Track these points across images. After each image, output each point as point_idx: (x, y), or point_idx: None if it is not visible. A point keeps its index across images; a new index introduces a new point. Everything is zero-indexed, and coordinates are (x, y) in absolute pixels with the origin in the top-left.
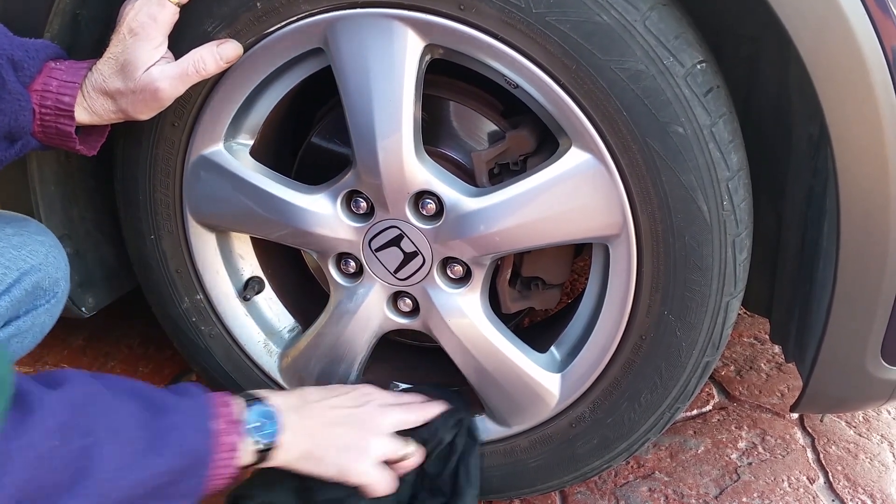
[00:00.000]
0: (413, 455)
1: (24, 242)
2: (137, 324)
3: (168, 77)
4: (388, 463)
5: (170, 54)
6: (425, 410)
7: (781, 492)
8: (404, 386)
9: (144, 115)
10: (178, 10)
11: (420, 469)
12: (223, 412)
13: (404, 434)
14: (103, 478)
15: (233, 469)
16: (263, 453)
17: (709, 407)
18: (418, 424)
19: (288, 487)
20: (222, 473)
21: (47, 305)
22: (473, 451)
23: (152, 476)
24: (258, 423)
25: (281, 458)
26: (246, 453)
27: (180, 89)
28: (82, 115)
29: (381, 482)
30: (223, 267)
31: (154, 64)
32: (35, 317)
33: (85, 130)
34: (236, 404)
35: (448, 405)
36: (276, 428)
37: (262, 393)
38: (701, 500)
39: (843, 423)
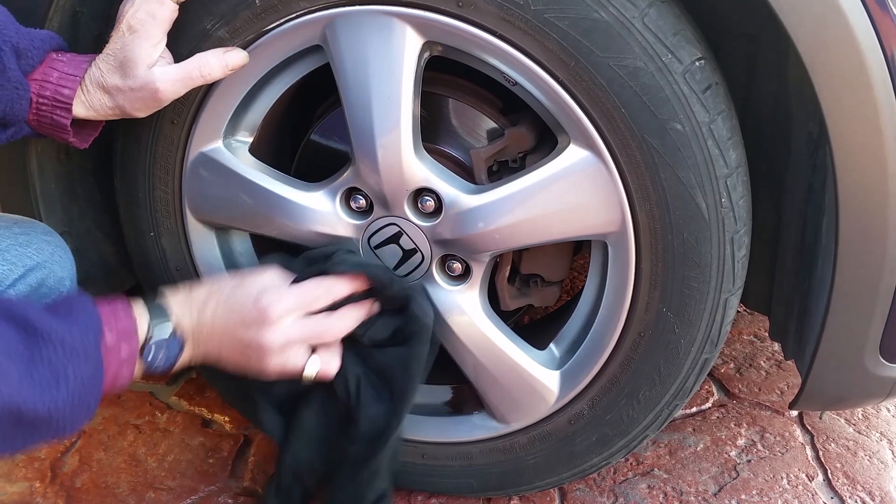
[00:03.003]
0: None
1: (30, 241)
2: None
3: (170, 79)
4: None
5: (168, 53)
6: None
7: (780, 489)
8: None
9: (142, 113)
10: (178, 7)
11: (361, 351)
12: (114, 323)
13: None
14: None
15: (129, 377)
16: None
17: (708, 404)
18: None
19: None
20: (118, 383)
21: None
22: (423, 340)
23: (37, 407)
24: (156, 346)
25: (184, 364)
26: (141, 364)
27: (181, 91)
28: (79, 109)
29: (298, 365)
30: (223, 264)
31: (154, 63)
32: None
33: (79, 123)
34: (134, 314)
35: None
36: (177, 347)
37: (165, 303)
38: (700, 498)
39: (843, 421)
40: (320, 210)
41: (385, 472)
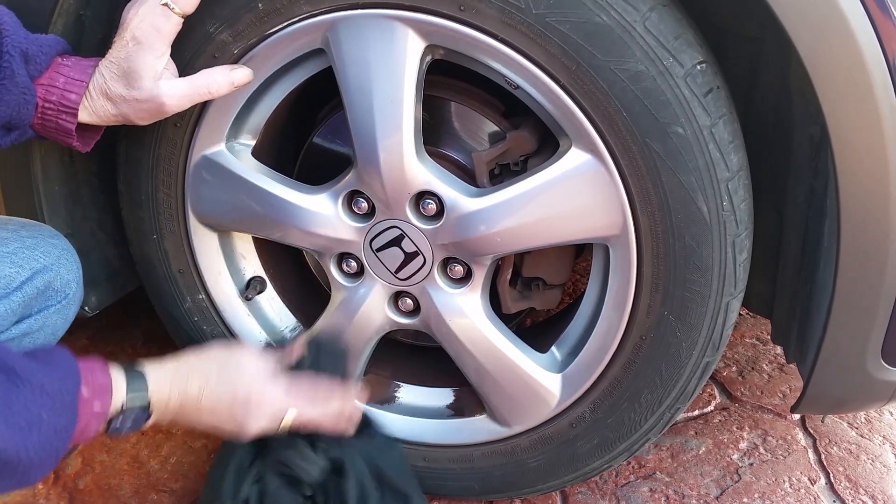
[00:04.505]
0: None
1: (38, 244)
2: (140, 323)
3: (177, 94)
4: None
5: (172, 63)
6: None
7: (783, 492)
8: (405, 386)
9: (144, 122)
10: (182, 21)
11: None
12: (90, 378)
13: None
14: None
15: (94, 433)
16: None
17: (710, 407)
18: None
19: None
20: (84, 437)
21: (58, 306)
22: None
23: (7, 449)
24: (125, 414)
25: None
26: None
27: (186, 106)
28: (83, 115)
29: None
30: (225, 267)
31: (159, 75)
32: (46, 316)
33: (81, 127)
34: (110, 373)
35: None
36: (143, 419)
37: (145, 373)
38: (702, 501)
39: (845, 424)
40: (322, 213)
41: None
